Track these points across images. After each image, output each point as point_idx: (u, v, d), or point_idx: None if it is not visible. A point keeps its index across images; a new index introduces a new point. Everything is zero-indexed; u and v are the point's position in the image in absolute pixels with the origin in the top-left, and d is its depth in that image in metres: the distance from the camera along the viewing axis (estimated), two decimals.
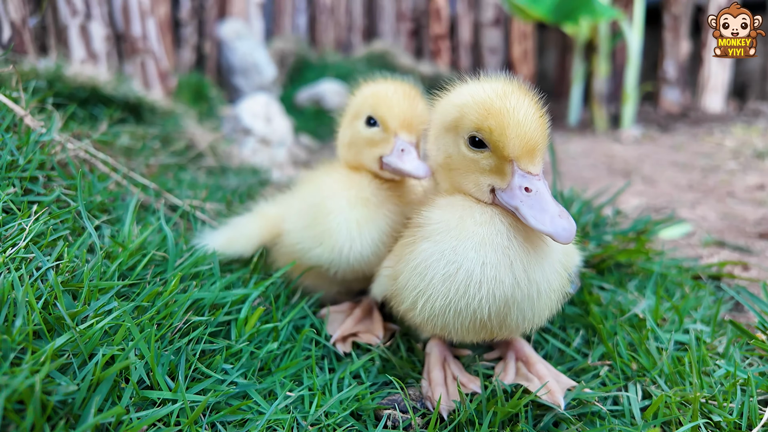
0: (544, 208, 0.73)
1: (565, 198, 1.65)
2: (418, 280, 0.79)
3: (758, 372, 0.98)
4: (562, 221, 0.71)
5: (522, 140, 0.75)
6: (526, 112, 0.76)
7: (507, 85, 0.80)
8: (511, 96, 0.77)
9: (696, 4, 5.86)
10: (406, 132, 0.98)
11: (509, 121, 0.75)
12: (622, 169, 3.56)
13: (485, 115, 0.76)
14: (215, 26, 5.00)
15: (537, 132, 0.76)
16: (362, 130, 1.01)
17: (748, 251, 1.92)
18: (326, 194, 1.00)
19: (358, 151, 1.04)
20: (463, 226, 0.78)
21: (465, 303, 0.77)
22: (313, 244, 1.00)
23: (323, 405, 0.84)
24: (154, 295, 0.89)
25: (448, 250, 0.78)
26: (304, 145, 4.26)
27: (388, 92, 1.00)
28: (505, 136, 0.75)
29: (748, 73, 6.27)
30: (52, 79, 2.00)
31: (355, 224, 0.97)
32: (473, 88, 0.82)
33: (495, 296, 0.76)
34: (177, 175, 1.86)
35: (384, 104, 0.98)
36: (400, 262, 0.85)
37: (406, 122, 0.98)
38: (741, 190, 2.93)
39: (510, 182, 0.77)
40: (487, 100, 0.77)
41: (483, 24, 6.84)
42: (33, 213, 0.95)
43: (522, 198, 0.75)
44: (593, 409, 0.89)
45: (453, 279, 0.77)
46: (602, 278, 1.35)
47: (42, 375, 0.62)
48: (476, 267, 0.76)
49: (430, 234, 0.81)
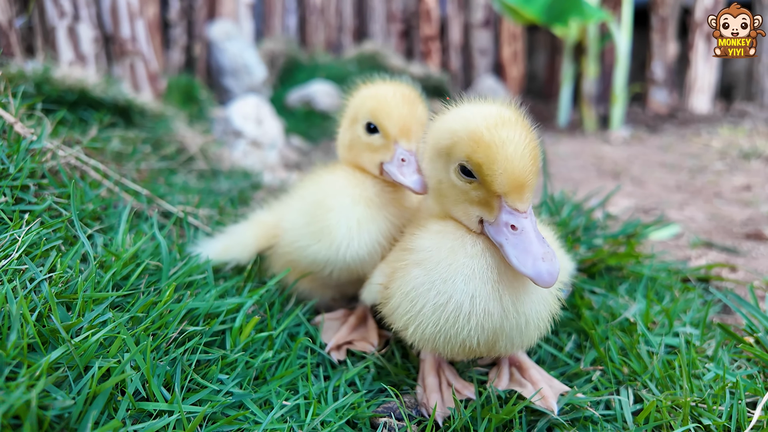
0: (528, 249, 0.71)
1: (555, 201, 1.67)
2: (410, 306, 0.80)
3: (746, 375, 1.00)
4: (544, 264, 0.70)
5: (510, 176, 0.72)
6: (516, 147, 0.73)
7: (500, 114, 0.77)
8: (503, 127, 0.74)
9: (683, 6, 5.93)
10: (405, 140, 0.97)
11: (497, 155, 0.72)
12: (612, 170, 3.60)
13: (474, 147, 0.74)
14: (205, 27, 4.97)
15: (526, 168, 0.73)
16: (362, 135, 1.01)
17: (736, 252, 1.96)
18: (328, 192, 1.00)
19: (358, 155, 1.04)
20: (454, 258, 0.78)
21: (455, 332, 0.78)
22: (312, 241, 0.99)
23: (319, 414, 0.85)
24: (149, 305, 0.88)
25: (438, 281, 0.78)
26: (295, 146, 4.25)
27: (387, 97, 0.98)
28: (493, 171, 0.73)
29: (735, 74, 6.36)
30: (40, 82, 1.98)
31: (355, 222, 0.97)
32: (467, 113, 0.79)
33: (484, 328, 0.77)
34: (168, 179, 1.85)
35: (383, 110, 0.97)
36: (392, 281, 0.85)
37: (405, 129, 0.97)
38: (728, 191, 2.98)
39: (497, 217, 0.75)
40: (477, 131, 0.74)
41: (473, 25, 6.86)
42: (25, 223, 0.94)
43: (507, 235, 0.74)
44: (586, 414, 0.90)
45: (443, 309, 0.77)
46: (593, 282, 1.36)
47: (38, 390, 0.62)
48: (466, 299, 0.76)
49: (421, 261, 0.80)
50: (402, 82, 1.06)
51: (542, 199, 1.67)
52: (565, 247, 1.31)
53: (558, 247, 1.10)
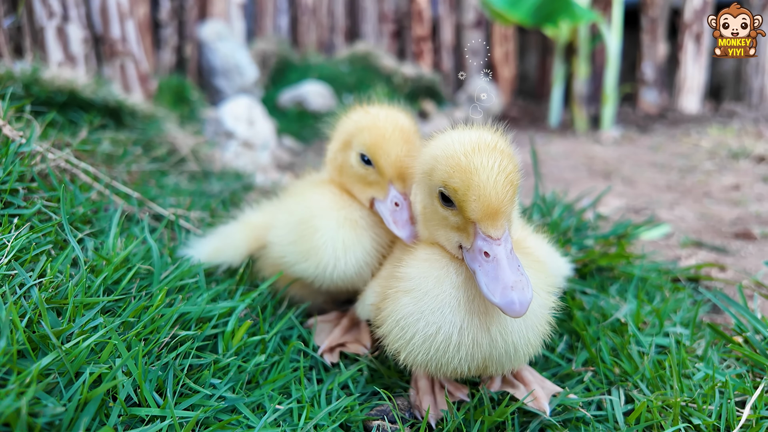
0: (498, 277, 0.71)
1: (547, 202, 1.68)
2: (400, 334, 0.80)
3: (735, 374, 1.01)
4: (514, 294, 0.69)
5: (483, 203, 0.72)
6: (491, 174, 0.72)
7: (479, 140, 0.76)
8: (480, 153, 0.74)
9: (672, 7, 5.99)
10: (401, 183, 0.95)
11: (471, 182, 0.72)
12: (603, 170, 3.62)
13: (451, 172, 0.74)
14: (196, 27, 4.94)
15: (500, 195, 0.72)
16: (355, 164, 0.98)
17: (725, 251, 1.98)
18: (315, 212, 0.99)
19: (349, 182, 1.02)
20: (441, 288, 0.78)
21: (445, 360, 0.79)
22: (299, 259, 1.00)
23: (312, 417, 0.85)
24: (141, 310, 0.88)
25: (427, 311, 0.78)
26: (287, 147, 4.23)
27: (386, 134, 0.94)
28: (467, 197, 0.73)
29: (723, 74, 6.43)
30: (29, 83, 1.95)
31: (341, 244, 0.97)
32: (448, 139, 0.79)
33: (474, 357, 0.78)
34: (159, 181, 1.84)
35: (381, 148, 0.93)
36: (383, 307, 0.85)
37: (401, 172, 0.94)
38: (717, 191, 3.01)
39: (473, 243, 0.75)
40: (454, 156, 0.75)
41: (465, 26, 6.88)
42: (14, 227, 0.93)
43: (481, 262, 0.73)
44: (578, 415, 0.91)
45: (433, 340, 0.78)
46: (585, 283, 1.37)
47: (29, 397, 0.62)
48: (454, 331, 0.77)
49: (410, 290, 0.81)
50: (397, 109, 1.01)
51: (534, 200, 1.68)
52: (558, 248, 1.31)
53: (553, 250, 1.10)
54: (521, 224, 1.04)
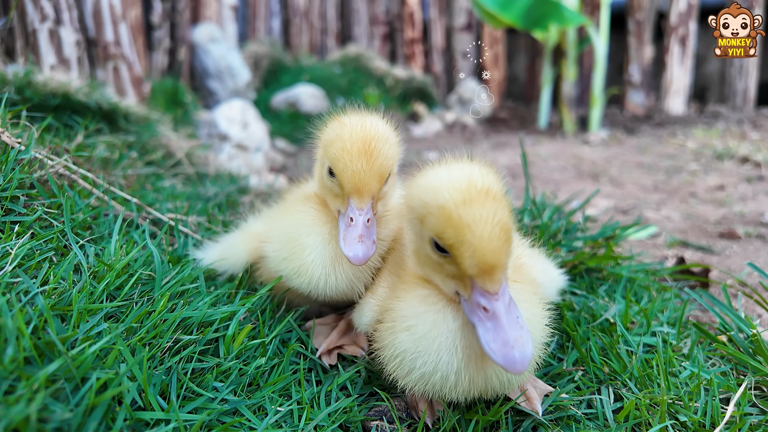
0: (498, 335, 0.70)
1: (537, 205, 1.71)
2: (398, 367, 0.82)
3: (720, 372, 1.05)
4: (513, 353, 0.68)
5: (480, 260, 0.69)
6: (485, 227, 0.69)
7: (470, 186, 0.72)
8: (473, 205, 0.70)
9: (658, 10, 6.08)
10: (357, 197, 0.92)
11: (465, 237, 0.69)
12: (591, 171, 3.68)
13: (443, 226, 0.71)
14: (188, 30, 4.93)
15: (496, 250, 0.69)
16: (325, 177, 0.97)
17: (710, 251, 2.03)
18: (302, 229, 1.00)
19: (323, 192, 1.02)
20: (438, 332, 0.79)
21: (442, 394, 0.81)
22: (292, 275, 1.01)
23: (313, 419, 0.87)
24: (143, 315, 0.89)
25: (424, 353, 0.79)
26: (280, 149, 4.25)
27: (347, 147, 0.91)
28: (461, 253, 0.70)
29: (708, 76, 6.54)
30: (22, 86, 1.95)
31: (330, 260, 0.98)
32: (437, 182, 0.75)
33: (469, 392, 0.81)
34: (155, 185, 1.85)
35: (340, 161, 0.91)
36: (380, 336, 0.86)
37: (356, 187, 0.91)
38: (702, 191, 3.07)
39: (470, 296, 0.73)
40: (447, 207, 0.71)
41: (455, 29, 6.93)
42: (15, 235, 0.94)
43: (480, 316, 0.72)
44: (569, 413, 0.94)
45: (430, 377, 0.79)
46: (574, 284, 1.41)
47: (37, 403, 0.63)
48: (451, 372, 0.78)
49: (407, 328, 0.81)
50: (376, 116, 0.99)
51: (524, 204, 1.71)
52: (547, 251, 1.35)
53: (549, 264, 1.13)
54: (516, 239, 1.03)
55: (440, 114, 6.01)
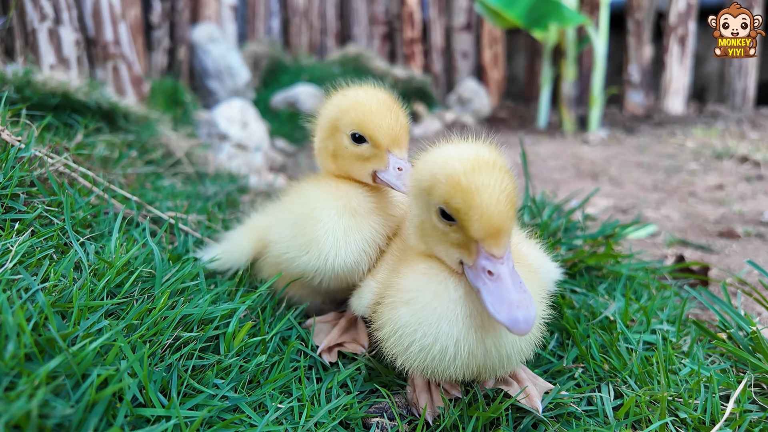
0: (503, 297, 0.72)
1: (537, 203, 1.71)
2: (398, 342, 0.83)
3: (720, 369, 1.06)
4: (518, 312, 0.70)
5: (486, 223, 0.72)
6: (492, 193, 0.73)
7: (478, 157, 0.76)
8: (480, 173, 0.74)
9: (657, 10, 6.09)
10: (398, 149, 0.98)
11: (474, 201, 0.72)
12: (590, 171, 3.68)
13: (452, 192, 0.74)
14: (188, 29, 4.93)
15: (503, 214, 0.73)
16: (349, 146, 1.01)
17: (710, 250, 2.03)
18: (315, 205, 1.02)
19: (346, 164, 1.05)
20: (438, 302, 0.81)
21: (441, 369, 0.82)
22: (300, 252, 1.02)
23: (313, 416, 0.87)
24: (144, 312, 0.89)
25: (424, 324, 0.80)
26: (280, 148, 4.25)
27: (372, 107, 0.98)
28: (469, 217, 0.73)
29: (707, 76, 6.54)
30: (21, 85, 1.95)
31: (341, 232, 1.00)
32: (445, 155, 0.79)
33: (468, 366, 0.82)
34: (155, 184, 1.85)
35: (371, 121, 0.97)
36: (381, 312, 0.88)
37: (396, 139, 0.97)
38: (702, 190, 3.08)
39: (475, 261, 0.76)
40: (455, 175, 0.75)
41: (454, 28, 6.93)
42: (16, 232, 0.94)
43: (485, 280, 0.74)
44: (569, 410, 0.94)
45: (429, 350, 0.81)
46: (574, 282, 1.41)
47: (38, 399, 0.63)
48: (450, 343, 0.79)
49: (408, 301, 0.83)
50: (372, 85, 1.06)
51: (524, 202, 1.71)
52: (547, 249, 1.35)
53: (544, 255, 1.13)
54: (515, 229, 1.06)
55: (440, 114, 6.01)
